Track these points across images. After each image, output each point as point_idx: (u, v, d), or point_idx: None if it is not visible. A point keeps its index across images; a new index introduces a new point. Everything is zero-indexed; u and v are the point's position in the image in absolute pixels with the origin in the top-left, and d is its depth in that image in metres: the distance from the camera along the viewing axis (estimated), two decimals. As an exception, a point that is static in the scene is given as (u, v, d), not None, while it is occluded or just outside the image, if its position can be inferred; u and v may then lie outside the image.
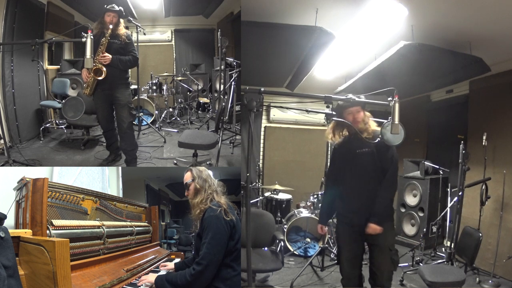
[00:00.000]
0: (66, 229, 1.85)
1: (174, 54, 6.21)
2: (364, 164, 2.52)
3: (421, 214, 4.73)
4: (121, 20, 3.36)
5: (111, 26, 3.24)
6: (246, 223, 1.93)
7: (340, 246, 2.72)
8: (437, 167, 4.54)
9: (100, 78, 3.22)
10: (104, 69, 3.21)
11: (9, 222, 1.76)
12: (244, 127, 4.65)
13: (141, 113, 4.79)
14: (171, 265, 2.45)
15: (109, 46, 3.26)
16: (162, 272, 2.43)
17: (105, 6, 3.26)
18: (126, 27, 3.50)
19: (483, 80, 4.16)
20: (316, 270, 3.99)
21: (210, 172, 2.20)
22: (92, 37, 2.84)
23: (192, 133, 4.03)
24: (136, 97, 4.85)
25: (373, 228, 2.46)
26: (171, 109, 5.47)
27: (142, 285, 2.04)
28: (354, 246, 2.59)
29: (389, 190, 2.55)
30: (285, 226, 4.50)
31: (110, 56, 3.23)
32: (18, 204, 1.88)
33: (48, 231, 1.72)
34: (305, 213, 4.56)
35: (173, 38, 6.18)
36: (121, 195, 3.38)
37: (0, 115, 3.47)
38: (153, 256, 2.72)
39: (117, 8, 3.28)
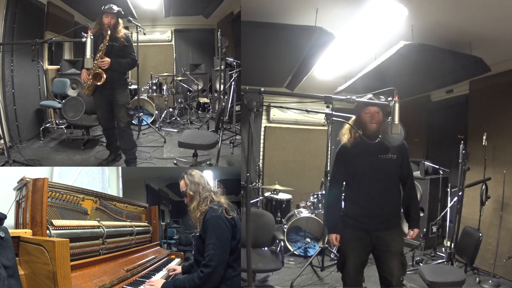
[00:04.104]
0: (66, 229, 1.85)
1: (174, 54, 6.22)
2: (387, 171, 2.42)
3: (421, 214, 4.71)
4: (120, 21, 3.31)
5: (109, 30, 3.19)
6: (246, 223, 1.93)
7: (347, 252, 2.47)
8: (437, 167, 4.53)
9: (99, 83, 3.21)
10: (104, 75, 3.19)
11: (9, 222, 1.76)
12: (244, 127, 4.65)
13: (141, 113, 4.79)
14: (179, 269, 2.45)
15: (108, 48, 3.22)
16: (164, 272, 2.44)
17: (103, 7, 3.19)
18: (126, 27, 3.49)
19: (483, 80, 4.16)
20: (316, 270, 3.99)
21: (205, 172, 2.19)
22: (92, 37, 2.84)
23: (192, 133, 4.04)
24: (136, 97, 4.85)
25: (416, 233, 2.47)
26: (171, 109, 5.47)
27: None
28: (361, 252, 2.45)
29: (416, 196, 2.57)
30: (285, 226, 4.50)
31: (109, 60, 3.20)
32: (18, 204, 1.88)
33: (48, 231, 1.72)
34: (305, 213, 4.55)
35: (173, 38, 6.19)
36: (121, 195, 3.38)
37: (0, 115, 3.47)
38: (153, 256, 2.72)
39: (115, 9, 3.22)
